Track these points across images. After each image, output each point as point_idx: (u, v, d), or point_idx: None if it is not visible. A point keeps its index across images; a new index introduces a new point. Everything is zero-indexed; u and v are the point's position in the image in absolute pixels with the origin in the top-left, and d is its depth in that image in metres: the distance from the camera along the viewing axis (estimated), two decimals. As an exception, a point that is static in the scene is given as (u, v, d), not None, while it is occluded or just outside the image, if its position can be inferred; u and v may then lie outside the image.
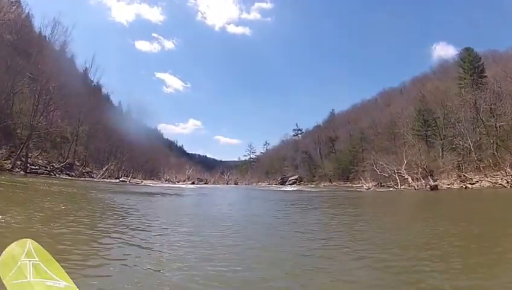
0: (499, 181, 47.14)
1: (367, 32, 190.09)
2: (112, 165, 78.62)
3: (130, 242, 8.37)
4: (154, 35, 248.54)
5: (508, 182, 45.49)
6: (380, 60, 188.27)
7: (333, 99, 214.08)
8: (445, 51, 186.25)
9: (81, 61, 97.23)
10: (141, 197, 28.00)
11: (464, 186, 49.58)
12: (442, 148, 68.23)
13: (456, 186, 52.23)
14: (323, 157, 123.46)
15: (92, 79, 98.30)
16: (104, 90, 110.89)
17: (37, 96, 56.95)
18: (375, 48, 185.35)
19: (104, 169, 73.23)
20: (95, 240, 8.38)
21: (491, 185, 47.76)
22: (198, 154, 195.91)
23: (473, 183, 50.43)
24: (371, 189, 59.77)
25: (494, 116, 58.21)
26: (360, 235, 10.63)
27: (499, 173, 50.66)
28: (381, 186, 63.90)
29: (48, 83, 57.61)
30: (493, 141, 56.35)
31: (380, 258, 7.22)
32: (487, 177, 50.70)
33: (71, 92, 66.72)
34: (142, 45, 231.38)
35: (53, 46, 74.70)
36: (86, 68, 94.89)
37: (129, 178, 73.37)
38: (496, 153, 54.29)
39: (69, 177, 56.44)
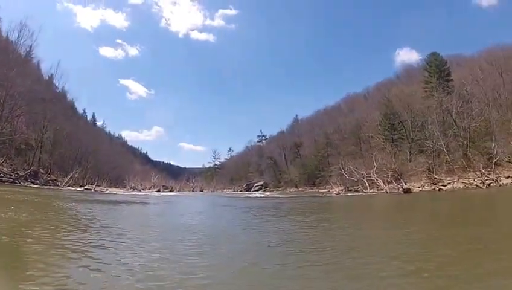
0: (474, 182, 46.74)
1: (330, 39, 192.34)
2: (76, 173, 75.62)
3: (89, 265, 7.60)
4: (119, 41, 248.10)
5: (483, 183, 45.15)
6: (343, 66, 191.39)
7: (297, 105, 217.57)
8: (408, 56, 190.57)
9: (46, 67, 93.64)
10: (106, 207, 27.03)
11: (438, 189, 49.10)
12: (410, 151, 67.82)
13: (427, 188, 51.84)
14: (289, 162, 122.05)
15: (57, 85, 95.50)
16: (68, 97, 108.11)
17: (1, 101, 54.24)
18: (338, 55, 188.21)
19: (69, 177, 70.21)
20: (51, 259, 7.83)
21: (465, 187, 47.28)
22: (163, 162, 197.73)
23: (445, 185, 49.87)
24: (341, 194, 58.92)
25: (465, 118, 58.10)
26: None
27: (470, 174, 50.16)
28: (348, 190, 62.80)
29: (12, 88, 54.89)
30: (466, 143, 56.08)
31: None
32: (460, 179, 50.13)
33: (36, 98, 64.08)
34: (107, 51, 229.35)
35: (19, 50, 71.99)
36: (51, 74, 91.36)
37: (94, 186, 70.34)
38: (468, 155, 53.91)
39: (34, 186, 53.81)
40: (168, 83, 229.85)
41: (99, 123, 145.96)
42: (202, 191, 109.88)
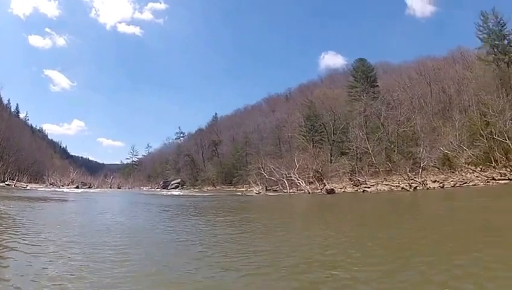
0: (400, 185, 46.36)
1: (256, 38, 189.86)
2: None
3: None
4: (48, 30, 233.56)
5: (409, 186, 44.75)
6: (267, 66, 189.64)
7: (218, 103, 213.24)
8: (333, 60, 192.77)
9: None
10: (26, 204, 26.22)
11: (362, 190, 48.28)
12: (331, 153, 66.90)
13: (349, 190, 51.26)
14: (206, 160, 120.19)
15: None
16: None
17: None
18: (263, 54, 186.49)
19: None
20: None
21: (390, 189, 46.71)
22: (82, 157, 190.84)
23: (369, 187, 49.24)
24: (261, 193, 57.74)
25: (390, 124, 59.05)
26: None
27: (395, 177, 50.24)
28: (267, 190, 61.12)
29: None
30: (392, 147, 56.56)
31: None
32: (385, 181, 49.80)
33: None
34: (35, 40, 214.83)
35: None
36: None
37: (14, 182, 68.61)
38: (393, 158, 54.16)
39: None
40: (92, 76, 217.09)
41: (22, 115, 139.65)
42: (120, 188, 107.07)
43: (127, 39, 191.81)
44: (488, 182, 41.15)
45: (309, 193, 51.47)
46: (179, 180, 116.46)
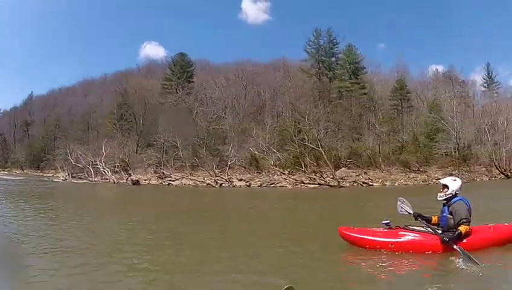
0: (206, 181, 47.48)
1: (78, 25, 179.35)
2: None
3: None
4: None
5: (216, 182, 46.16)
6: (85, 48, 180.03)
7: (36, 81, 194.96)
8: (155, 51, 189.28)
9: None
10: None
11: (167, 183, 49.10)
12: (138, 144, 66.23)
13: (154, 182, 51.47)
14: (17, 142, 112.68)
15: None
16: None
17: None
18: (84, 36, 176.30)
19: None
20: None
21: (195, 184, 47.93)
22: None
23: (174, 181, 50.17)
24: (68, 180, 56.25)
25: (201, 120, 60.01)
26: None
27: (201, 172, 51.35)
28: (72, 177, 58.79)
29: None
30: (202, 143, 57.29)
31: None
32: (190, 176, 50.60)
33: None
34: None
35: None
36: None
37: None
38: (200, 154, 54.72)
39: None
40: None
41: None
42: None
43: None
44: (296, 185, 44.30)
45: (114, 182, 50.94)
46: None
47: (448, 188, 9.17)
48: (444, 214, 9.20)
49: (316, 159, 47.63)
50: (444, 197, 9.26)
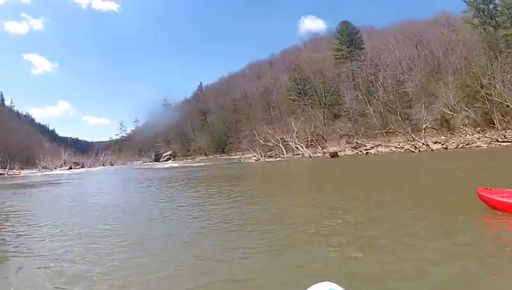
0: (406, 146, 45.50)
1: (232, 7, 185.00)
2: None
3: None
4: (23, 15, 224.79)
5: (415, 147, 44.06)
6: (246, 33, 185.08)
7: (200, 73, 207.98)
8: (314, 25, 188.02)
9: None
10: (20, 192, 24.56)
11: (365, 153, 47.74)
12: (324, 116, 65.75)
13: (348, 152, 50.43)
14: (196, 130, 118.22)
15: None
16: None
17: None
18: (241, 22, 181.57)
19: None
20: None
21: (390, 151, 46.34)
22: (70, 137, 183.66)
23: (368, 149, 48.79)
24: (260, 160, 56.68)
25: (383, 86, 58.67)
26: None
27: (392, 138, 50.42)
28: (261, 156, 59.71)
29: None
30: (395, 108, 55.56)
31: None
32: (387, 143, 49.44)
33: None
34: (11, 26, 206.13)
35: None
36: None
37: (7, 170, 67.06)
38: (392, 120, 53.33)
39: None
40: (72, 56, 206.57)
41: (7, 102, 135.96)
42: (112, 164, 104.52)
43: (104, 15, 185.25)
44: (490, 143, 40.65)
45: (310, 157, 50.77)
46: (170, 152, 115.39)
47: None
48: None
49: (502, 115, 44.00)
50: None
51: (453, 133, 47.23)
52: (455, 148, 41.99)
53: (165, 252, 7.01)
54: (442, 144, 43.92)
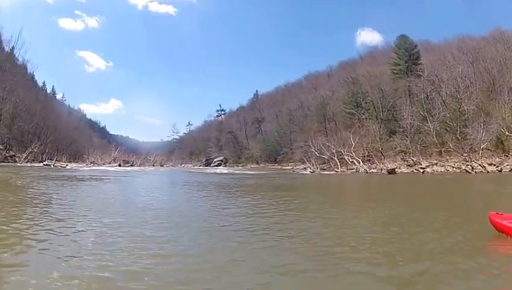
0: (462, 167, 44.54)
1: (291, 16, 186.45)
2: (35, 147, 73.11)
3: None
4: (78, 12, 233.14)
5: (472, 168, 42.71)
6: (302, 45, 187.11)
7: (256, 81, 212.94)
8: (370, 37, 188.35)
9: (6, 38, 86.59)
10: (67, 184, 24.47)
11: (422, 171, 46.96)
12: (380, 132, 65.27)
13: (404, 170, 49.90)
14: (249, 138, 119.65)
15: (17, 56, 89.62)
16: (29, 68, 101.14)
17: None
18: (298, 33, 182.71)
19: (28, 152, 68.07)
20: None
21: (446, 171, 45.87)
22: (121, 135, 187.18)
23: (424, 168, 48.07)
24: (316, 172, 55.79)
25: (441, 104, 57.96)
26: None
27: (447, 158, 50.09)
28: (316, 168, 59.14)
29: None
30: (455, 126, 54.56)
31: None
32: (443, 162, 49.06)
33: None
34: (66, 23, 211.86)
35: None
36: (13, 47, 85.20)
37: (54, 162, 66.30)
38: (448, 139, 52.71)
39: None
40: (127, 56, 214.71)
41: (58, 96, 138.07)
42: (162, 165, 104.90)
43: (160, 18, 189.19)
44: None
45: (366, 172, 50.08)
46: (221, 157, 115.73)
47: None
48: None
49: None
50: None
51: (507, 155, 45.80)
52: (510, 171, 40.71)
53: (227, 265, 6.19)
54: (497, 166, 42.53)
